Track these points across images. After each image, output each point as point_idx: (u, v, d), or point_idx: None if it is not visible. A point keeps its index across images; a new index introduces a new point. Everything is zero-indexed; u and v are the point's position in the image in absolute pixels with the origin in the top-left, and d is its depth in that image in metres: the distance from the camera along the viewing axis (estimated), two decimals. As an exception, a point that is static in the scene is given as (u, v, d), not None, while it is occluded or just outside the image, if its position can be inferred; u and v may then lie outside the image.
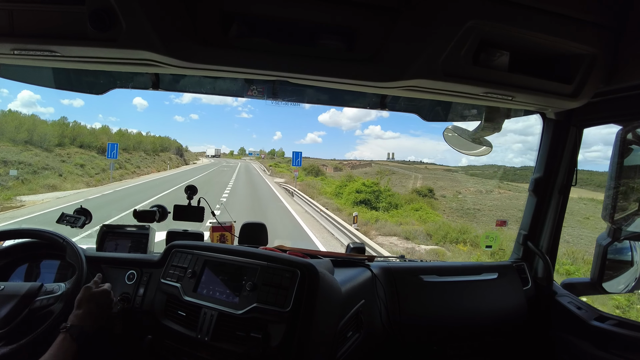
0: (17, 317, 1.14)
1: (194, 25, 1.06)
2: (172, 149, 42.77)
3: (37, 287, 1.21)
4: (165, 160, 36.82)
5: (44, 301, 1.20)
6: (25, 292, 1.18)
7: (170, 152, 41.26)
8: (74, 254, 1.32)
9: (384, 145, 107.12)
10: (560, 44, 1.18)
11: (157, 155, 35.59)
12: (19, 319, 1.14)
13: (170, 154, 40.91)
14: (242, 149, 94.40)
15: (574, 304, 1.59)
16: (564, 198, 1.69)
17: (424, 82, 1.20)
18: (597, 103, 1.42)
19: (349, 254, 1.72)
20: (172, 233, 1.74)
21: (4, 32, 1.01)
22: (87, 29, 0.98)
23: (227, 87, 1.59)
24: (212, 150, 74.56)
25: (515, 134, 42.71)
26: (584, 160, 31.05)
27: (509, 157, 43.47)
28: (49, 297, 1.22)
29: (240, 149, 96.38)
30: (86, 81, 1.63)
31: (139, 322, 1.38)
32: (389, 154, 79.44)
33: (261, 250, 1.35)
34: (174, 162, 39.73)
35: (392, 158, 47.93)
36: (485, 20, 1.07)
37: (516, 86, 1.26)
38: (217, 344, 1.15)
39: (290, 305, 1.12)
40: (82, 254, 1.32)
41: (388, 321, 1.52)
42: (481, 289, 1.71)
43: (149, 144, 34.60)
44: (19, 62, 1.30)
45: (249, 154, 52.37)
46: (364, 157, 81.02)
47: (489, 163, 27.47)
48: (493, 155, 29.71)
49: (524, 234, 1.80)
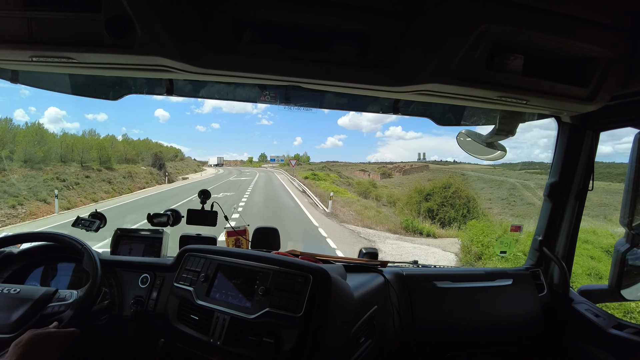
0: (28, 322, 1.15)
1: (207, 32, 1.08)
2: (149, 159, 28.65)
3: (51, 293, 1.23)
4: (128, 177, 22.55)
5: (55, 308, 1.22)
6: (39, 297, 1.20)
7: (142, 163, 27.25)
8: (90, 261, 1.33)
9: (406, 146, 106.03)
10: (575, 47, 1.16)
11: (111, 171, 21.84)
12: (29, 323, 1.15)
13: (142, 166, 26.83)
14: (263, 155, 79.46)
15: (592, 311, 1.56)
16: (580, 203, 1.66)
17: (437, 86, 1.20)
18: (614, 106, 1.39)
19: (361, 259, 1.71)
20: (186, 237, 1.75)
21: (23, 39, 1.04)
22: (104, 36, 1.00)
23: (240, 92, 1.60)
24: (214, 159, 62.73)
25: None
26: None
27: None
28: (61, 305, 1.23)
29: (261, 155, 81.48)
30: (102, 87, 1.66)
31: (151, 325, 1.40)
32: (420, 154, 71.46)
33: (274, 255, 1.36)
34: (141, 179, 23.96)
35: (422, 158, 43.61)
36: (498, 24, 1.06)
37: (531, 90, 1.24)
38: (229, 348, 1.16)
39: (302, 310, 1.12)
40: (98, 260, 1.34)
41: (401, 327, 1.50)
42: (495, 295, 1.68)
43: (99, 149, 22.40)
44: (37, 68, 1.33)
45: (270, 160, 43.45)
46: (386, 159, 75.13)
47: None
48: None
49: (539, 239, 1.77)
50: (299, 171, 40.93)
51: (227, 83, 1.56)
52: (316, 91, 1.43)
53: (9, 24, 1.03)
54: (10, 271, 1.44)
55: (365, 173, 38.85)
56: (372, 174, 37.70)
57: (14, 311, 1.14)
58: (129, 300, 1.43)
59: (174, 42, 1.04)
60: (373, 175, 36.74)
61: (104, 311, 1.38)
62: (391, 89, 1.25)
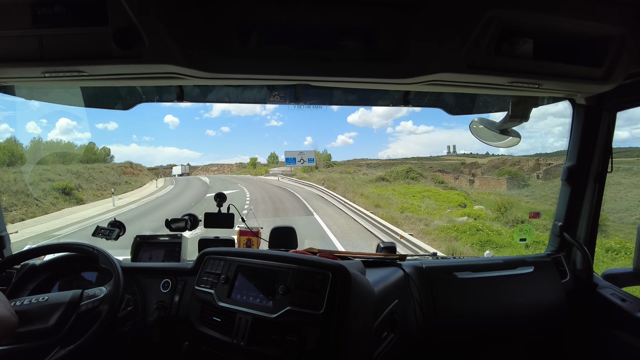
0: (67, 323, 1.19)
1: (214, 37, 1.09)
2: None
3: (79, 294, 1.26)
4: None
5: (89, 305, 1.25)
6: (69, 299, 1.22)
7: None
8: (107, 259, 1.37)
9: (418, 140, 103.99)
10: (587, 27, 1.14)
11: None
12: (69, 324, 1.19)
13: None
14: (273, 156, 52.61)
15: (617, 295, 1.53)
16: (600, 186, 1.63)
17: (447, 75, 1.19)
18: (630, 85, 1.36)
19: (379, 254, 1.71)
20: (204, 240, 1.77)
21: (35, 57, 1.07)
22: (112, 48, 1.02)
23: (249, 94, 1.61)
24: (178, 169, 48.03)
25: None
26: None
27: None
28: (94, 301, 1.26)
29: (271, 155, 53.73)
30: (113, 98, 1.68)
31: (175, 329, 1.41)
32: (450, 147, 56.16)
33: (292, 254, 1.36)
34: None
35: (453, 152, 36.71)
36: (505, 9, 1.04)
37: (543, 73, 1.22)
38: (253, 348, 1.17)
39: (323, 308, 1.12)
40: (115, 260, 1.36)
41: (423, 320, 1.49)
42: (517, 283, 1.66)
43: None
44: (50, 84, 1.36)
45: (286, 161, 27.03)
46: (397, 156, 69.14)
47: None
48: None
49: (559, 224, 1.74)
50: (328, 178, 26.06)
51: (236, 86, 1.57)
52: (325, 88, 1.43)
53: (21, 43, 1.06)
54: (36, 283, 1.48)
55: (448, 175, 27.25)
56: (446, 175, 26.99)
57: (50, 316, 1.18)
58: (151, 305, 1.45)
59: (182, 49, 1.05)
60: (447, 177, 26.50)
61: (128, 317, 1.40)
62: (401, 81, 1.25)
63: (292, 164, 28.46)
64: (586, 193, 1.66)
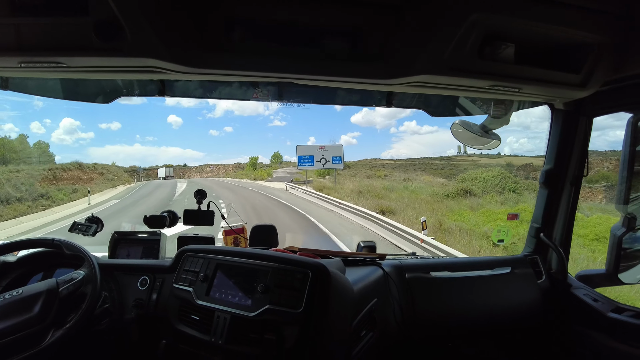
0: (52, 308, 1.18)
1: (197, 31, 1.07)
2: None
3: (54, 282, 1.24)
4: None
5: (70, 287, 1.24)
6: (47, 287, 1.21)
7: None
8: (71, 246, 1.37)
9: (421, 140, 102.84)
10: (566, 33, 1.16)
11: None
12: (54, 309, 1.19)
13: None
14: (277, 155, 49.71)
15: (590, 296, 1.57)
16: (576, 189, 1.67)
17: (429, 77, 1.20)
18: (606, 92, 1.40)
19: (359, 253, 1.71)
20: (183, 238, 1.75)
21: (12, 46, 1.03)
22: (92, 40, 0.99)
23: (232, 90, 1.59)
24: (162, 171, 46.55)
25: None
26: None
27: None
28: (73, 283, 1.26)
29: (274, 154, 51.33)
30: (93, 91, 1.64)
31: (153, 327, 1.40)
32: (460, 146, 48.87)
33: (272, 252, 1.36)
34: None
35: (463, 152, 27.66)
36: (488, 13, 1.05)
37: (523, 78, 1.24)
38: (232, 347, 1.16)
39: (302, 306, 1.12)
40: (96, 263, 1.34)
41: (402, 319, 1.51)
42: (494, 283, 1.69)
43: None
44: (27, 74, 1.32)
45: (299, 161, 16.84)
46: (401, 156, 68.06)
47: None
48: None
49: (536, 226, 1.78)
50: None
51: (219, 82, 1.55)
52: (309, 87, 1.43)
53: None
54: (9, 279, 1.44)
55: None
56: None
57: (32, 306, 1.17)
58: (129, 303, 1.43)
59: (164, 43, 1.03)
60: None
61: (105, 315, 1.38)
62: (383, 82, 1.25)
63: (307, 166, 18.71)
64: (562, 196, 1.69)
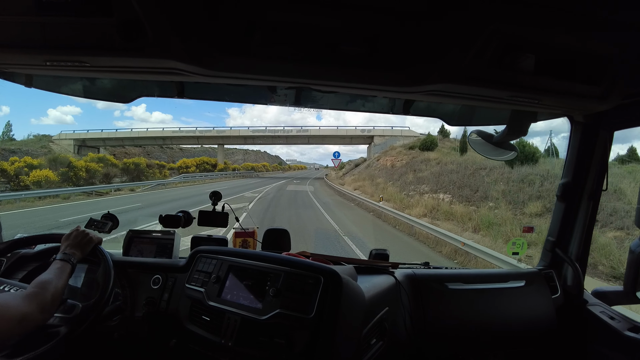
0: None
1: (218, 34, 1.08)
2: None
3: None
4: None
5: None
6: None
7: None
8: (103, 261, 1.37)
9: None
10: (588, 45, 1.14)
11: None
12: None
13: None
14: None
15: (606, 313, 1.53)
16: (594, 203, 1.63)
17: (447, 86, 1.19)
18: (628, 105, 1.37)
19: (372, 261, 1.70)
20: (197, 238, 1.76)
21: (38, 44, 1.05)
22: (115, 40, 1.01)
23: (250, 94, 1.60)
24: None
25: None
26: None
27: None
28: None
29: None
30: (113, 90, 1.67)
31: (164, 326, 1.40)
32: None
33: (284, 256, 1.36)
34: None
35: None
36: (509, 24, 1.04)
37: (542, 89, 1.23)
38: (241, 349, 1.16)
39: (313, 312, 1.12)
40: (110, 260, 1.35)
41: (412, 329, 1.49)
42: (508, 297, 1.66)
43: None
44: (51, 72, 1.35)
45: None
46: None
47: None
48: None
49: (552, 240, 1.74)
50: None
51: (237, 85, 1.57)
52: (327, 92, 1.43)
53: (23, 29, 1.05)
54: (26, 272, 1.46)
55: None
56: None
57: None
58: (141, 301, 1.44)
59: (185, 45, 1.05)
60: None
61: (116, 312, 1.39)
62: (401, 89, 1.25)
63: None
64: (580, 210, 1.66)
